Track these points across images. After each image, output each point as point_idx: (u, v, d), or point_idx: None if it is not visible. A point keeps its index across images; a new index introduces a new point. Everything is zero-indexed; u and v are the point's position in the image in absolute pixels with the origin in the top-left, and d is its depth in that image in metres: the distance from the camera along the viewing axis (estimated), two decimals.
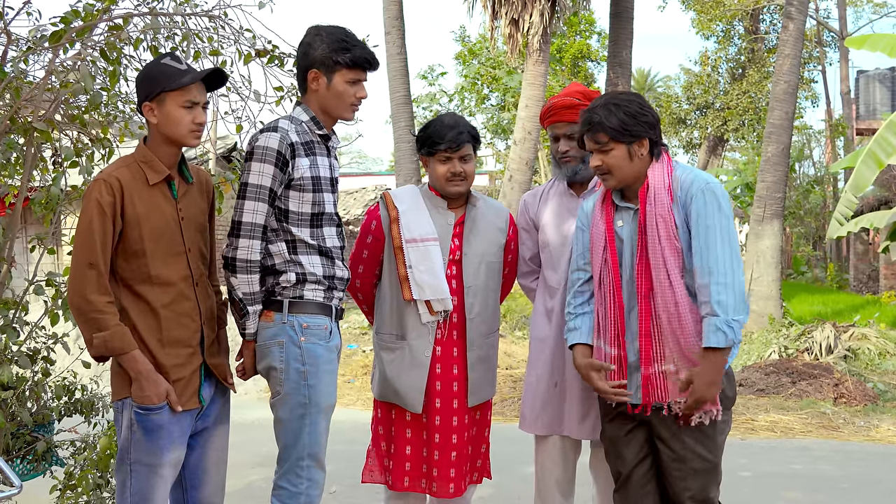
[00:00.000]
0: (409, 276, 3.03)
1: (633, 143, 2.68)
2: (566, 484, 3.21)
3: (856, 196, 9.15)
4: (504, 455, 4.06)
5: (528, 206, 3.35)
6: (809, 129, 26.51)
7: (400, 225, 3.06)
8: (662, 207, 2.66)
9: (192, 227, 2.65)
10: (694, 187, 2.67)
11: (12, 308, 3.25)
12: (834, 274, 21.46)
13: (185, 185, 2.67)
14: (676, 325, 2.65)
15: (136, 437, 2.54)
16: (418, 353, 3.05)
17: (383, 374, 3.10)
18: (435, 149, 3.03)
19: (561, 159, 3.18)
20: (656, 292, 2.66)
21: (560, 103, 3.15)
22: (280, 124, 2.74)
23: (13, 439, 3.51)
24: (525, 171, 12.36)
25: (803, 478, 5.29)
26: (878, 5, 27.45)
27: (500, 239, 3.20)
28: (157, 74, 2.54)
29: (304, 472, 2.73)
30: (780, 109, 11.30)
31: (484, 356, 3.15)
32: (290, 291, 2.73)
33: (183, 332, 2.59)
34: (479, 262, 3.11)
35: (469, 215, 3.14)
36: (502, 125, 22.74)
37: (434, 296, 3.02)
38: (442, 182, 3.07)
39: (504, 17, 12.48)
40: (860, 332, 9.59)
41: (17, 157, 3.24)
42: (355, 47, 2.75)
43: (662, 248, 2.65)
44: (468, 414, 3.12)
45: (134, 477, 2.55)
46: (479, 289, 3.11)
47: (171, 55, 2.61)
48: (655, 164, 2.72)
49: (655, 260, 2.66)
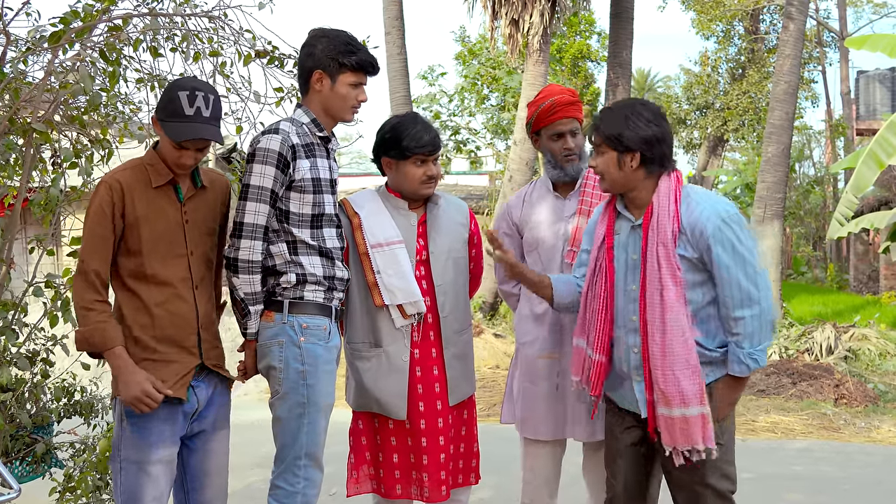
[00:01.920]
0: (377, 281, 2.99)
1: (624, 153, 2.64)
2: (554, 483, 3.23)
3: (856, 196, 9.14)
4: (502, 456, 4.05)
5: (511, 209, 3.33)
6: (809, 130, 26.51)
7: (363, 230, 3.03)
8: (664, 234, 2.60)
9: (196, 231, 2.67)
10: (708, 228, 2.58)
11: (11, 310, 3.24)
12: (834, 274, 21.46)
13: (194, 189, 2.69)
14: (659, 351, 2.58)
15: (125, 434, 2.58)
16: (395, 359, 3.01)
17: (360, 384, 3.06)
18: (412, 152, 3.00)
19: (565, 157, 3.15)
20: (648, 315, 2.62)
21: (562, 100, 3.13)
22: (281, 126, 2.77)
23: (12, 441, 3.50)
24: (525, 172, 12.34)
25: (804, 479, 5.29)
26: (878, 6, 27.45)
27: (463, 234, 3.19)
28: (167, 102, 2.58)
29: (302, 472, 2.74)
30: (780, 110, 11.29)
31: (460, 353, 3.13)
32: (290, 292, 2.76)
33: (177, 332, 2.61)
34: (446, 259, 3.10)
35: (431, 214, 3.12)
36: (502, 125, 22.70)
37: (406, 299, 2.99)
38: (416, 185, 3.04)
39: (504, 17, 12.45)
40: (860, 333, 9.59)
41: (17, 157, 3.23)
42: (360, 51, 2.80)
43: (661, 274, 2.59)
44: (452, 414, 3.10)
45: (123, 475, 2.58)
46: (448, 286, 3.09)
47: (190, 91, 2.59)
48: (662, 184, 2.66)
49: (651, 285, 2.61)
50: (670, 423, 2.57)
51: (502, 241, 3.00)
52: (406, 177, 3.03)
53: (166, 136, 2.55)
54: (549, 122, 3.16)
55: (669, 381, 2.56)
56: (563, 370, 3.13)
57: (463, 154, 22.96)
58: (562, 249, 3.15)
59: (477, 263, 3.29)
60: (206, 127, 2.55)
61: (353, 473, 3.14)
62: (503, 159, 20.30)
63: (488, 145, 23.82)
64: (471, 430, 3.21)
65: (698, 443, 2.55)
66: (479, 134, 23.44)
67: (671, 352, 2.56)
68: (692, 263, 2.61)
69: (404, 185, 3.06)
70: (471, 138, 22.99)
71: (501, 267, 3.33)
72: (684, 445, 2.57)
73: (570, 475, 3.50)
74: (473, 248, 3.24)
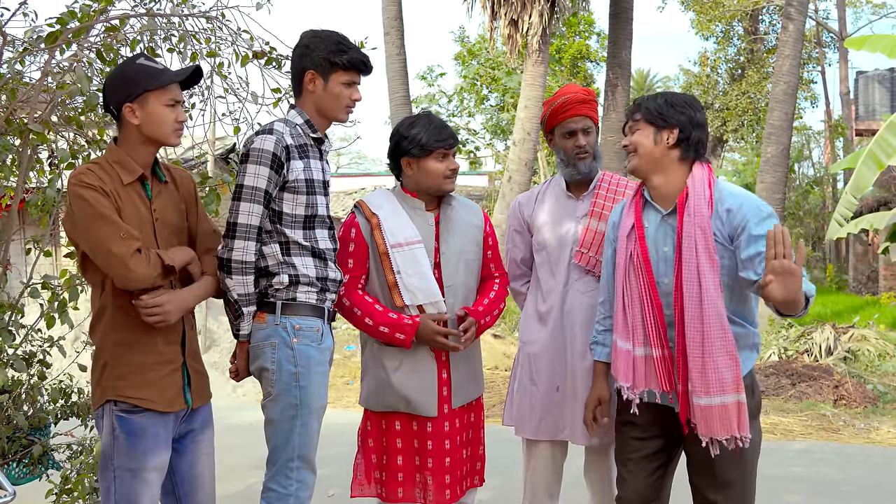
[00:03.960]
0: (398, 282, 3.00)
1: (663, 129, 2.65)
2: (555, 485, 3.22)
3: (855, 197, 9.13)
4: (503, 458, 4.04)
5: (522, 207, 3.32)
6: (809, 130, 26.50)
7: (382, 231, 3.03)
8: (702, 218, 2.57)
9: (166, 228, 2.63)
10: (750, 218, 2.55)
11: (8, 311, 3.23)
12: (833, 275, 21.48)
13: (159, 184, 2.66)
14: (698, 346, 2.55)
15: (118, 442, 2.50)
16: (423, 356, 3.02)
17: (386, 383, 3.04)
18: (435, 147, 3.01)
19: (577, 156, 3.15)
20: (686, 306, 2.57)
21: (575, 98, 3.13)
22: (275, 127, 2.76)
23: (9, 443, 3.49)
24: (524, 172, 12.33)
25: (804, 480, 5.28)
26: (877, 6, 27.48)
27: (477, 236, 3.18)
28: (135, 75, 2.51)
29: (294, 474, 2.73)
30: (779, 110, 11.30)
31: (467, 355, 3.12)
32: (282, 294, 2.75)
33: (163, 332, 2.56)
34: (457, 261, 3.09)
35: (444, 214, 3.12)
36: (501, 126, 22.72)
37: (427, 300, 2.99)
38: (439, 180, 3.05)
39: (503, 17, 12.45)
40: (860, 334, 9.59)
41: (13, 158, 3.22)
42: (351, 50, 2.80)
43: (699, 260, 2.55)
44: (459, 417, 3.09)
45: (118, 483, 2.50)
46: (458, 287, 3.08)
47: (143, 55, 2.59)
48: (696, 171, 2.66)
49: (689, 273, 2.57)
50: (708, 413, 2.55)
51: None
52: (429, 173, 3.04)
53: (154, 104, 2.49)
54: (562, 120, 3.16)
55: (709, 369, 2.53)
56: (565, 372, 3.11)
57: (462, 154, 22.98)
58: (570, 249, 3.14)
59: (497, 264, 3.26)
60: (183, 69, 2.59)
61: (359, 475, 3.13)
62: (502, 160, 20.31)
63: (487, 146, 23.84)
64: (477, 434, 3.20)
65: (735, 430, 2.55)
66: (479, 134, 23.47)
67: (710, 342, 2.54)
68: (725, 248, 2.59)
69: (427, 182, 3.06)
70: (470, 139, 23.02)
71: (512, 263, 3.33)
72: (722, 434, 2.56)
73: (573, 476, 3.49)
74: (489, 250, 3.23)
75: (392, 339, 2.98)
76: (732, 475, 2.66)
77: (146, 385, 2.52)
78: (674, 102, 2.67)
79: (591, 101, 3.15)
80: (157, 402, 2.52)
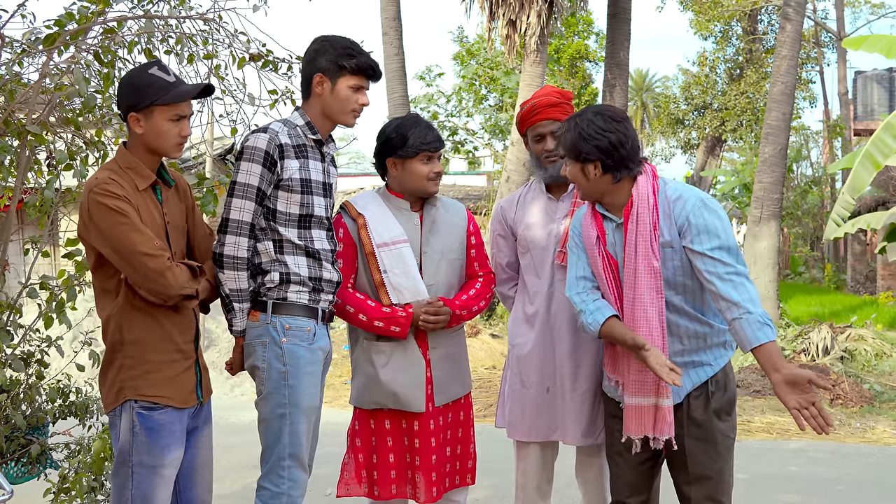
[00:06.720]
0: (384, 280, 3.03)
1: (587, 163, 2.67)
2: (546, 486, 3.24)
3: (853, 197, 9.14)
4: (498, 457, 4.06)
5: (504, 211, 3.34)
6: (807, 130, 26.51)
7: (369, 230, 3.06)
8: (644, 226, 2.65)
9: (175, 231, 2.69)
10: (689, 205, 2.66)
11: (6, 311, 3.24)
12: (831, 275, 21.49)
13: (167, 189, 2.70)
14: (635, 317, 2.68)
15: (138, 439, 2.55)
16: (411, 352, 3.05)
17: (374, 380, 3.07)
18: (419, 150, 3.04)
19: (546, 158, 3.17)
20: (624, 310, 2.71)
21: (543, 101, 3.15)
22: (271, 126, 2.80)
23: (7, 442, 3.50)
24: (522, 172, 12.34)
25: (800, 480, 5.30)
26: (875, 6, 27.51)
27: (461, 235, 3.21)
28: (145, 86, 2.52)
29: (286, 473, 2.76)
30: (777, 110, 11.31)
31: (450, 353, 3.14)
32: (273, 293, 2.79)
33: (180, 334, 2.63)
34: (439, 260, 3.12)
35: (428, 214, 3.15)
36: (500, 126, 22.70)
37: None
38: (423, 182, 3.08)
39: (501, 17, 12.44)
40: (857, 334, 9.60)
41: (12, 159, 3.23)
42: (360, 55, 2.83)
43: (637, 267, 2.65)
44: (444, 416, 3.12)
45: (135, 479, 2.55)
46: (440, 286, 3.11)
47: (158, 64, 2.60)
48: (640, 181, 2.70)
49: (628, 278, 2.68)
50: (627, 411, 2.75)
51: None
52: (413, 175, 3.07)
53: (158, 118, 2.52)
54: (531, 125, 3.19)
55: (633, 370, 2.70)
56: (554, 373, 3.13)
57: (461, 154, 22.98)
58: (553, 251, 3.15)
59: (482, 263, 3.28)
60: (192, 86, 2.61)
61: (345, 474, 3.15)
62: (501, 160, 20.32)
63: (486, 146, 23.84)
64: (466, 432, 3.21)
65: (649, 431, 2.71)
66: (477, 134, 23.46)
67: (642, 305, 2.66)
68: (674, 250, 2.66)
69: (411, 184, 3.09)
70: (468, 139, 23.02)
71: (498, 268, 3.35)
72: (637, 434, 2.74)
73: (566, 476, 3.50)
74: (473, 249, 3.25)
75: (388, 333, 3.01)
76: (706, 470, 2.73)
77: (165, 383, 2.58)
78: (587, 134, 2.63)
79: (564, 103, 3.15)
80: (176, 399, 2.59)
